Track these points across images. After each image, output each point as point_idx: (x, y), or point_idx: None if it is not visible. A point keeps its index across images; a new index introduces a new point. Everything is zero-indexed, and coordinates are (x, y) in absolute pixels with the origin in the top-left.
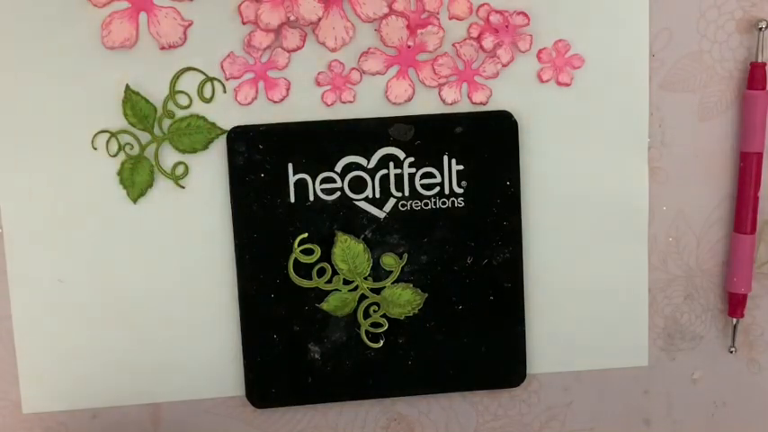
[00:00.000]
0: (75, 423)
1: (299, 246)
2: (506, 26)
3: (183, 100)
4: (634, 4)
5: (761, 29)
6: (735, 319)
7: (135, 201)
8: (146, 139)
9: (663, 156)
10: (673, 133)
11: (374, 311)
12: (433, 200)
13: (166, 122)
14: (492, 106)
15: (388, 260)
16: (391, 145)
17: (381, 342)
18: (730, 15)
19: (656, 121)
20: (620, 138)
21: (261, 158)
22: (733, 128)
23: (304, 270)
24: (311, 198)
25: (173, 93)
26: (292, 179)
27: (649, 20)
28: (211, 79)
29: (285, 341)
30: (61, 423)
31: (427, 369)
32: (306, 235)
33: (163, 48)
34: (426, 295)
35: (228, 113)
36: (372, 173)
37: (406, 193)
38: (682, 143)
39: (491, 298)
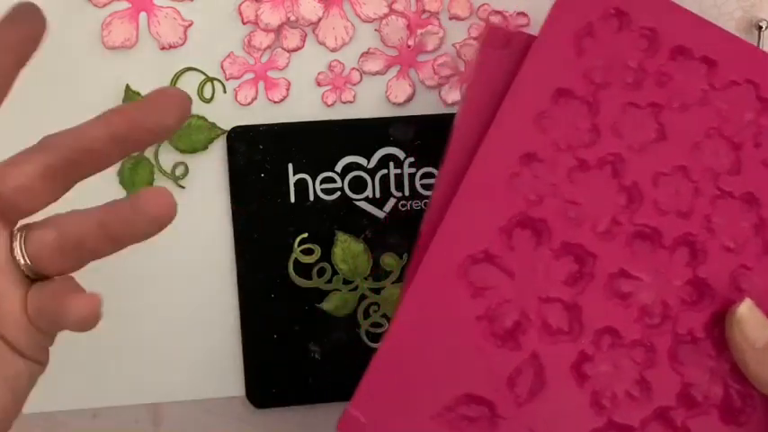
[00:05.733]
0: (75, 423)
1: (299, 246)
2: (506, 26)
3: None
4: None
5: (761, 29)
6: None
7: None
8: None
9: None
10: None
11: (374, 311)
12: None
13: None
14: None
15: (389, 260)
16: (391, 145)
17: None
18: (730, 15)
19: None
20: None
21: (261, 158)
22: None
23: (304, 270)
24: (311, 198)
25: None
26: (292, 179)
27: None
28: (211, 79)
29: (285, 341)
30: (61, 423)
31: None
32: (306, 235)
33: (163, 48)
34: None
35: (228, 113)
36: (372, 173)
37: (406, 193)
38: None
39: None
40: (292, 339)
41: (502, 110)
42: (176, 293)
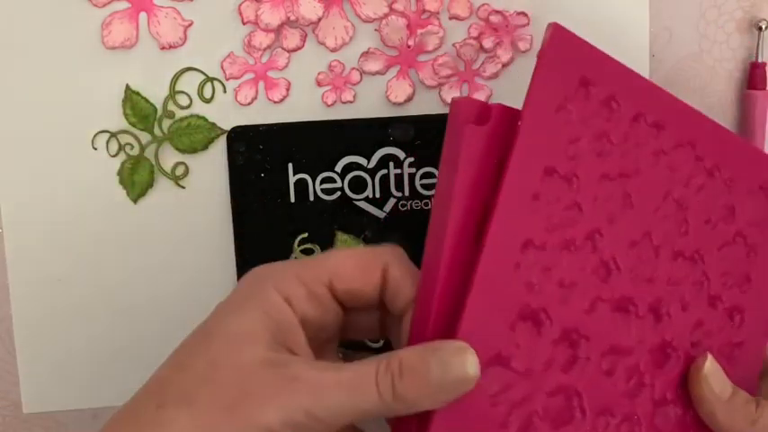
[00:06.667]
0: (75, 423)
1: (299, 246)
2: (506, 26)
3: (183, 100)
4: (634, 4)
5: (761, 29)
6: None
7: (135, 201)
8: (146, 139)
9: None
10: None
11: None
12: (432, 200)
13: (166, 122)
14: None
15: None
16: (391, 145)
17: (381, 342)
18: (730, 15)
19: None
20: None
21: (261, 158)
22: (733, 128)
23: None
24: (311, 198)
25: (173, 93)
26: (292, 179)
27: (649, 20)
28: (211, 79)
29: None
30: (61, 423)
31: None
32: (306, 235)
33: (163, 48)
34: None
35: (228, 113)
36: (372, 173)
37: (406, 193)
38: None
39: None
40: None
41: (503, 196)
42: (176, 293)
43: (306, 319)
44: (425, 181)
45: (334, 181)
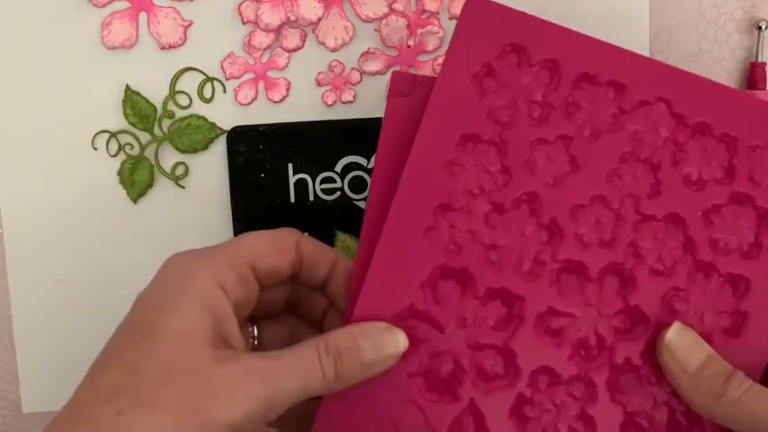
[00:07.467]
0: None
1: None
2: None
3: (183, 100)
4: (634, 4)
5: (761, 29)
6: None
7: (135, 201)
8: (146, 139)
9: None
10: None
11: None
12: None
13: (166, 122)
14: None
15: None
16: None
17: None
18: (730, 15)
19: None
20: None
21: (261, 158)
22: None
23: None
24: (311, 198)
25: (173, 93)
26: (292, 179)
27: (649, 20)
28: (211, 79)
29: None
30: None
31: None
32: (306, 235)
33: (163, 48)
34: None
35: (228, 113)
36: (372, 173)
37: None
38: None
39: None
40: None
41: (410, 163)
42: None
43: (238, 303)
44: None
45: (334, 181)
